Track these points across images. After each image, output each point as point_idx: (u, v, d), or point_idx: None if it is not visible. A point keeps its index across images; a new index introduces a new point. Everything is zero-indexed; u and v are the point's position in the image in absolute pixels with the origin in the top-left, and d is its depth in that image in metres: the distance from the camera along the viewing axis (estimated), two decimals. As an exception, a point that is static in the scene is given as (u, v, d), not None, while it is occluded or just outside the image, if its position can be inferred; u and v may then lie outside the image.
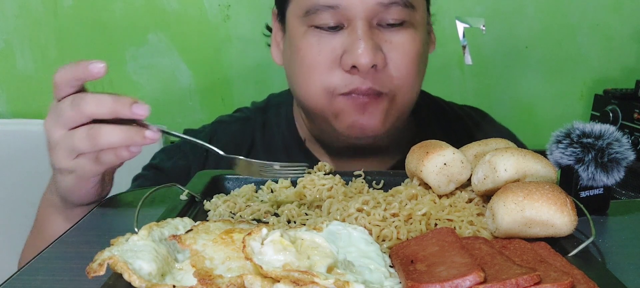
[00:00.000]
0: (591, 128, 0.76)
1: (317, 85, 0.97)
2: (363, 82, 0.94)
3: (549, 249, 0.64)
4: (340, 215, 0.76)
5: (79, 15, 1.75)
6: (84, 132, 0.78)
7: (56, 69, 0.80)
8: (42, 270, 0.68)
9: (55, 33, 1.76)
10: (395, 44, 0.95)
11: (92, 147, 0.78)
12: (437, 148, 0.80)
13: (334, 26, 0.95)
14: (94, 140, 0.77)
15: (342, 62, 0.94)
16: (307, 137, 1.13)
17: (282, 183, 0.91)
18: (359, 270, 0.59)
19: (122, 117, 0.77)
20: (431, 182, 0.80)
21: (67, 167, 0.82)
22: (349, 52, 0.93)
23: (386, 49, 0.95)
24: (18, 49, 1.78)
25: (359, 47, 0.91)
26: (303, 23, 0.97)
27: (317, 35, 0.95)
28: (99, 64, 0.78)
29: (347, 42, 0.94)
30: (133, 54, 1.77)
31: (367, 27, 0.93)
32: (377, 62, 0.93)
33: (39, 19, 1.75)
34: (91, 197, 0.89)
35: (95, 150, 0.79)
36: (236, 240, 0.61)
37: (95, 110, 0.77)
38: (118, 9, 1.75)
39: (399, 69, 0.96)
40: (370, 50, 0.91)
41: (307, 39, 0.96)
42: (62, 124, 0.80)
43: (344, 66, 0.94)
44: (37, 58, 1.78)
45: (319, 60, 0.95)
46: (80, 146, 0.78)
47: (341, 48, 0.94)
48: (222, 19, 1.76)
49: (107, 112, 0.77)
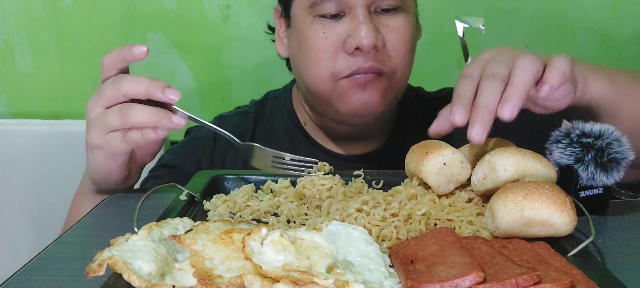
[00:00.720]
0: (591, 128, 0.76)
1: (323, 69, 1.07)
2: (365, 61, 1.04)
3: (548, 249, 0.64)
4: (340, 215, 0.76)
5: (79, 15, 1.75)
6: (117, 109, 0.85)
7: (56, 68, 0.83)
8: (42, 270, 0.68)
9: (55, 33, 1.76)
10: (391, 27, 1.06)
11: (122, 124, 0.84)
12: (437, 148, 0.80)
13: (336, 14, 1.05)
14: (124, 117, 0.84)
15: (346, 45, 1.04)
16: (306, 121, 1.23)
17: (281, 183, 0.91)
18: (359, 270, 0.59)
19: (155, 99, 0.84)
20: (431, 182, 0.80)
21: (98, 143, 0.88)
22: (353, 36, 1.03)
23: (383, 31, 1.05)
24: (18, 49, 1.77)
25: (362, 30, 1.02)
26: (309, 14, 1.07)
27: (322, 23, 1.06)
28: (142, 47, 0.87)
29: (350, 27, 1.04)
30: (133, 54, 1.77)
31: (366, 13, 1.04)
32: (378, 43, 1.03)
33: (39, 19, 1.75)
34: (115, 179, 0.94)
35: (125, 128, 0.85)
36: (236, 240, 0.61)
37: (131, 89, 0.84)
38: (118, 9, 1.75)
39: (396, 49, 1.07)
40: (372, 32, 1.02)
41: (314, 28, 1.06)
42: (101, 103, 0.87)
43: (348, 49, 1.04)
44: (36, 58, 1.78)
45: (326, 45, 1.05)
46: (111, 122, 0.85)
47: (345, 33, 1.05)
48: (221, 19, 1.76)
49: (143, 92, 0.84)
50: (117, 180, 0.94)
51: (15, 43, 1.77)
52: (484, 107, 0.73)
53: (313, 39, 1.07)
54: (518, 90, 0.74)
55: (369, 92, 1.06)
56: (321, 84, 1.09)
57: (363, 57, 1.04)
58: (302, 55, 1.10)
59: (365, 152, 1.21)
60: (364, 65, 1.04)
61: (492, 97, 0.74)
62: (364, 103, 1.07)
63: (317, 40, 1.06)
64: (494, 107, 0.74)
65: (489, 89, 0.74)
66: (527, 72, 0.76)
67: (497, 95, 0.74)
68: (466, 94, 0.75)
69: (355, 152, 1.20)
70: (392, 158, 1.19)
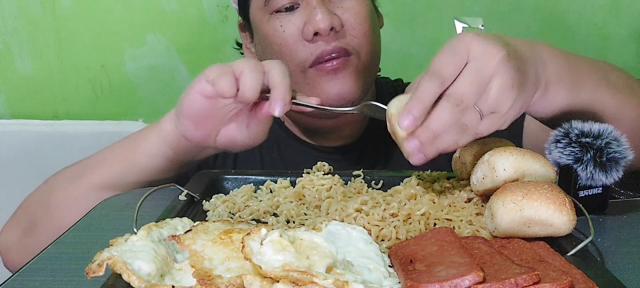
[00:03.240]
0: (590, 127, 0.76)
1: (288, 62, 1.05)
2: (327, 44, 1.05)
3: (547, 249, 0.64)
4: (339, 215, 0.76)
5: (78, 16, 1.75)
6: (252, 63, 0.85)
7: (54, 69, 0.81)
8: (42, 271, 0.68)
9: (54, 34, 1.76)
10: (346, 8, 1.08)
11: (239, 68, 0.84)
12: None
13: (290, 6, 1.07)
14: (260, 71, 0.84)
15: (304, 33, 1.06)
16: (284, 119, 1.25)
17: (281, 183, 0.91)
18: (358, 270, 0.59)
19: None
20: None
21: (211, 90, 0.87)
22: (309, 22, 1.05)
23: (339, 13, 1.07)
24: (17, 49, 1.77)
25: (317, 15, 1.04)
26: (265, 12, 1.10)
27: (279, 18, 1.08)
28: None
29: (306, 15, 1.06)
30: (132, 54, 1.77)
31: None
32: (334, 23, 1.04)
33: (38, 20, 1.75)
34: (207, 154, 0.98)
35: (237, 73, 0.84)
36: (235, 240, 0.61)
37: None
38: (116, 10, 1.75)
39: (356, 28, 1.08)
40: (326, 14, 1.04)
41: (272, 24, 1.09)
42: (229, 68, 0.86)
43: (307, 35, 1.05)
44: (35, 59, 1.78)
45: (285, 37, 1.08)
46: (234, 66, 0.85)
47: (301, 22, 1.06)
48: (220, 20, 1.76)
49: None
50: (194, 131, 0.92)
51: (14, 43, 1.77)
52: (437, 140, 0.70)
53: (273, 35, 1.08)
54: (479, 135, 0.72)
55: (340, 78, 1.06)
56: (291, 77, 1.09)
57: (324, 41, 1.05)
58: (267, 54, 1.12)
59: (344, 143, 1.22)
60: (327, 48, 1.05)
61: (451, 138, 0.70)
62: (338, 91, 1.07)
63: (276, 35, 1.08)
64: (448, 147, 0.71)
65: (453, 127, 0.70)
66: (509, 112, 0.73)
67: (458, 137, 0.71)
68: (425, 99, 0.69)
69: (334, 144, 1.22)
70: (369, 149, 1.22)
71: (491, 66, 0.71)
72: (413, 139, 0.70)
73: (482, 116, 0.71)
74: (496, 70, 0.71)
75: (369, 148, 1.22)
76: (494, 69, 0.71)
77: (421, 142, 0.69)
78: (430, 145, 0.70)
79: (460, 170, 0.86)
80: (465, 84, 0.70)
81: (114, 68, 1.78)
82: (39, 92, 1.80)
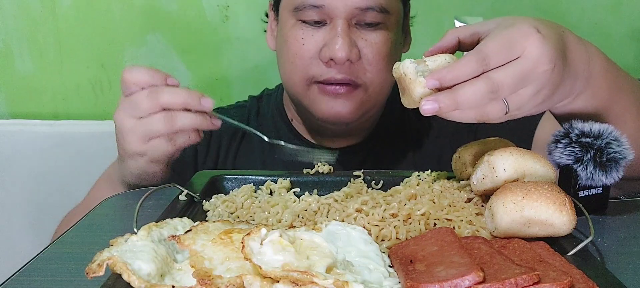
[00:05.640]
0: (590, 127, 0.76)
1: (298, 73, 1.10)
2: (338, 72, 1.07)
3: (548, 249, 0.64)
4: (340, 216, 0.76)
5: (78, 15, 1.75)
6: (161, 116, 0.90)
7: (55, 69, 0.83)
8: (42, 271, 0.68)
9: (54, 33, 1.76)
10: (369, 42, 1.08)
11: (170, 128, 0.91)
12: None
13: (318, 21, 1.07)
14: (171, 123, 0.90)
15: (321, 54, 1.07)
16: (293, 117, 1.27)
17: (281, 184, 0.91)
18: (358, 270, 0.59)
19: (192, 108, 0.92)
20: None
21: (140, 151, 0.93)
22: (328, 46, 1.05)
23: (361, 45, 1.07)
24: (17, 49, 1.77)
25: (337, 43, 1.04)
26: (292, 16, 1.09)
27: (303, 29, 1.08)
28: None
29: (328, 37, 1.06)
30: (132, 54, 1.77)
31: (346, 26, 1.05)
32: (352, 57, 1.05)
33: (38, 20, 1.75)
34: (158, 179, 0.99)
35: (172, 132, 0.91)
36: (235, 240, 0.61)
37: (170, 100, 0.91)
38: (117, 10, 1.75)
39: (371, 63, 1.08)
40: (347, 46, 1.04)
41: (294, 32, 1.09)
42: (136, 113, 0.91)
43: (323, 58, 1.06)
44: (35, 59, 1.78)
45: (303, 51, 1.08)
46: (156, 128, 0.90)
47: (322, 42, 1.07)
48: (220, 20, 1.76)
49: (181, 103, 0.91)
50: (159, 180, 0.98)
51: (14, 43, 1.77)
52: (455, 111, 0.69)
53: (292, 42, 1.09)
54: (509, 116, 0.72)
55: (340, 102, 1.09)
56: (295, 86, 1.12)
57: (336, 69, 1.06)
58: (281, 55, 1.14)
59: (348, 144, 1.23)
60: (337, 76, 1.06)
61: (469, 115, 0.70)
62: (335, 113, 1.10)
63: (295, 44, 1.09)
64: (461, 120, 0.70)
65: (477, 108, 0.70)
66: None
67: (474, 116, 0.70)
68: (461, 75, 0.69)
69: (339, 145, 1.22)
70: (375, 150, 1.23)
71: (536, 72, 0.71)
72: (433, 102, 0.68)
73: (507, 111, 0.71)
74: (537, 78, 0.71)
75: (374, 150, 1.22)
76: (536, 76, 0.71)
77: (440, 107, 0.68)
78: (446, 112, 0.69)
79: (460, 170, 0.86)
80: (509, 76, 0.69)
81: (114, 68, 1.78)
82: (39, 92, 1.80)
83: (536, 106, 0.74)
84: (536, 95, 0.72)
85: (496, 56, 0.69)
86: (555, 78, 0.73)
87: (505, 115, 0.72)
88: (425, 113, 0.68)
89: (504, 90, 0.69)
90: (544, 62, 0.71)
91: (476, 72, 0.68)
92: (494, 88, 0.68)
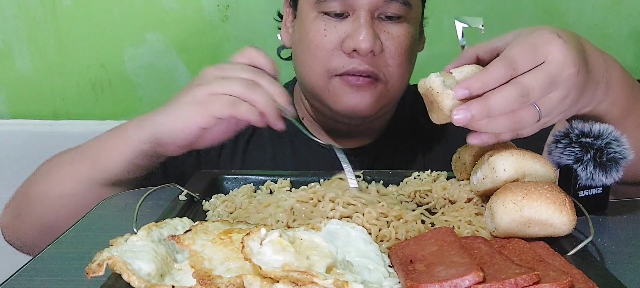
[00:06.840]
0: (590, 127, 0.76)
1: (319, 65, 1.09)
2: (360, 64, 1.06)
3: (547, 249, 0.64)
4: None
5: (78, 15, 1.75)
6: (245, 82, 0.89)
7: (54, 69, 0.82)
8: (42, 271, 0.68)
9: (54, 33, 1.76)
10: (391, 35, 1.07)
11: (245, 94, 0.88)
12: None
13: (340, 13, 1.06)
14: (249, 90, 0.88)
15: (343, 45, 1.06)
16: (304, 115, 1.26)
17: (281, 184, 0.91)
18: (358, 269, 0.59)
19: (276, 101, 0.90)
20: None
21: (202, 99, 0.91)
22: (351, 37, 1.05)
23: (383, 38, 1.07)
24: (17, 49, 1.77)
25: (361, 34, 1.03)
26: (314, 9, 1.09)
27: (325, 20, 1.08)
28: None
29: (351, 28, 1.06)
30: (131, 54, 1.77)
31: (369, 18, 1.05)
32: (375, 48, 1.05)
33: (38, 20, 1.75)
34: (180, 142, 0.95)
35: (244, 98, 0.88)
36: (235, 240, 0.61)
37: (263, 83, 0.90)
38: (116, 9, 1.74)
39: (393, 56, 1.08)
40: (371, 37, 1.03)
41: (316, 24, 1.08)
42: (229, 74, 0.91)
43: (345, 49, 1.06)
44: (35, 58, 1.78)
45: (325, 42, 1.07)
46: (235, 88, 0.89)
47: (345, 33, 1.06)
48: (220, 19, 1.76)
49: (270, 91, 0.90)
50: (176, 146, 0.96)
51: (14, 43, 1.77)
52: (490, 121, 0.69)
53: (314, 34, 1.08)
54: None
55: (360, 94, 1.08)
56: (316, 79, 1.11)
57: (359, 60, 1.06)
58: (301, 48, 1.13)
59: (359, 145, 1.22)
60: (359, 68, 1.06)
61: (503, 124, 0.70)
62: (354, 105, 1.09)
63: (317, 36, 1.08)
64: (495, 130, 0.70)
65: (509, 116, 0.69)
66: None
67: (509, 126, 0.70)
68: (490, 82, 0.68)
69: (350, 146, 1.21)
70: (385, 152, 1.22)
71: (562, 76, 0.71)
72: (465, 110, 0.67)
73: (540, 117, 0.71)
74: (564, 81, 0.72)
75: (386, 151, 1.22)
76: (563, 79, 0.71)
77: (472, 116, 0.67)
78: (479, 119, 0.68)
79: (460, 170, 0.86)
80: (538, 80, 0.69)
81: (114, 67, 1.78)
82: (39, 92, 1.80)
83: (563, 112, 0.75)
84: (563, 100, 0.73)
85: (523, 61, 0.70)
86: (580, 82, 0.74)
87: (537, 122, 0.72)
88: (457, 123, 0.68)
89: (534, 94, 0.69)
90: (569, 65, 0.71)
91: (505, 78, 0.69)
92: (524, 91, 0.68)
